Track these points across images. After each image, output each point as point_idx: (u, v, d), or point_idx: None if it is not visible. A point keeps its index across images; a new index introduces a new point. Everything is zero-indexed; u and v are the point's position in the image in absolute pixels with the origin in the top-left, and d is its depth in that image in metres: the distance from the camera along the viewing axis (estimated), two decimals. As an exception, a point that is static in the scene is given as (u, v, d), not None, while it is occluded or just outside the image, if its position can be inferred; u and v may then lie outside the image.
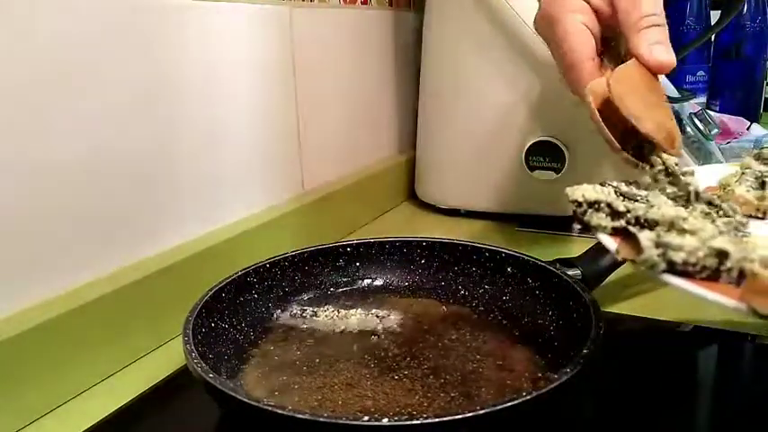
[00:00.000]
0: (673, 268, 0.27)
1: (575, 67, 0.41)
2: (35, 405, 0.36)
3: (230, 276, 0.43)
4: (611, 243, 0.31)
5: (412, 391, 0.35)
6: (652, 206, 0.31)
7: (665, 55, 0.38)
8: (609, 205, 0.32)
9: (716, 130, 0.80)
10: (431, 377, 0.37)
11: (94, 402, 0.38)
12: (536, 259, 0.45)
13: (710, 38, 1.06)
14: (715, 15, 0.86)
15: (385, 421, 0.27)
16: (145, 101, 0.44)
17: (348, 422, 0.28)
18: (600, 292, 0.46)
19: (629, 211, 0.31)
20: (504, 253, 0.47)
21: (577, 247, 0.50)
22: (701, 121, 0.78)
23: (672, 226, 0.29)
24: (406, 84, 0.81)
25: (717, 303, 0.25)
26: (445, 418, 0.27)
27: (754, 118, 1.12)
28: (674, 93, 0.82)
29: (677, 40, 1.12)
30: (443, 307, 0.46)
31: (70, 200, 0.39)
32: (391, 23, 0.77)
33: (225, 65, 0.51)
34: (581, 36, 0.41)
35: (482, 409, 0.27)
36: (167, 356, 0.43)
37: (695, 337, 0.45)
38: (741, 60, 1.13)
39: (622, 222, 0.31)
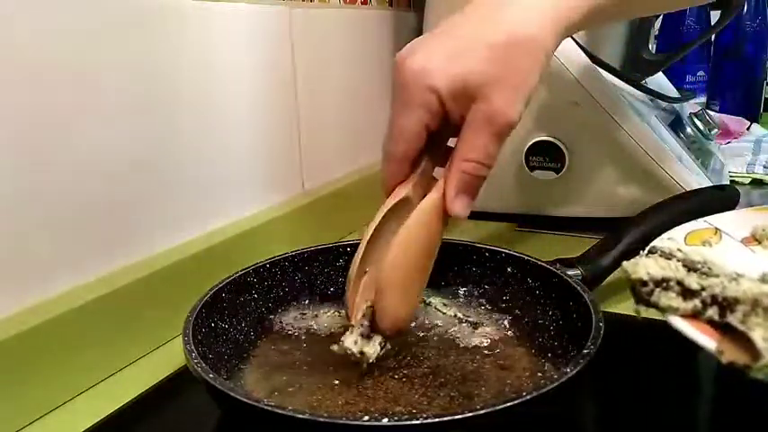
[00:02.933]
0: None
1: (387, 159, 0.39)
2: (35, 405, 0.36)
3: (230, 276, 0.43)
4: (701, 336, 0.27)
5: (412, 390, 0.35)
6: (730, 280, 0.27)
7: (462, 210, 0.37)
8: (679, 283, 0.28)
9: (716, 130, 0.80)
10: (431, 377, 0.37)
11: (94, 402, 0.38)
12: (536, 259, 0.45)
13: (710, 38, 1.06)
14: (715, 15, 0.86)
15: (385, 421, 0.27)
16: (145, 101, 0.44)
17: (348, 422, 0.28)
18: (600, 292, 0.46)
19: (703, 289, 0.27)
20: (504, 253, 0.47)
21: (577, 247, 0.50)
22: (701, 121, 0.79)
23: (756, 304, 0.26)
24: (406, 84, 0.81)
25: None
26: (445, 418, 0.27)
27: (754, 118, 1.12)
28: (674, 93, 0.82)
29: (677, 40, 1.12)
30: (444, 307, 0.45)
31: (70, 200, 0.39)
32: (391, 23, 0.77)
33: (225, 65, 0.51)
34: (410, 137, 0.38)
35: (482, 409, 0.27)
36: (167, 356, 0.43)
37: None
38: (741, 60, 1.14)
39: (697, 303, 0.27)
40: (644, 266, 0.29)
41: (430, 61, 0.37)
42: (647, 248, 0.32)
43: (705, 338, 0.27)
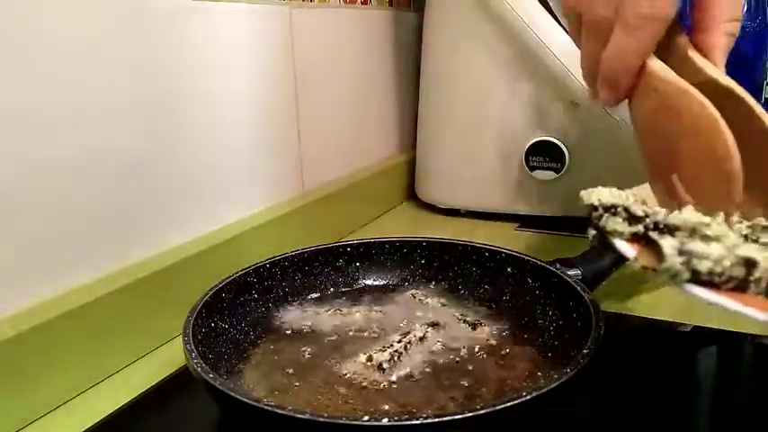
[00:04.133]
0: (697, 278, 0.26)
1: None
2: (35, 405, 0.36)
3: (230, 276, 0.43)
4: (628, 250, 0.29)
5: (412, 390, 0.35)
6: (672, 211, 0.29)
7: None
8: (626, 209, 0.30)
9: (716, 130, 0.79)
10: (431, 377, 0.37)
11: (95, 402, 0.38)
12: (536, 259, 0.45)
13: (711, 38, 1.06)
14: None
15: (385, 421, 0.27)
16: (145, 101, 0.44)
17: (348, 422, 0.28)
18: (600, 292, 0.46)
19: (647, 216, 0.29)
20: (504, 253, 0.47)
21: (577, 247, 0.50)
22: (701, 121, 0.78)
23: (694, 232, 0.27)
24: (406, 84, 0.81)
25: (745, 316, 0.24)
26: (445, 418, 0.27)
27: (754, 118, 1.12)
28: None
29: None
30: (443, 307, 0.46)
31: (71, 200, 0.39)
32: (391, 23, 0.77)
33: (225, 65, 0.51)
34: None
35: (482, 409, 0.27)
36: (167, 356, 0.43)
37: (695, 337, 0.45)
38: (741, 60, 1.13)
39: (641, 228, 0.29)
40: (597, 194, 0.31)
41: None
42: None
43: (629, 250, 0.29)
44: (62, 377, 0.38)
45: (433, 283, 0.49)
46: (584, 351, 0.32)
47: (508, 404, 0.28)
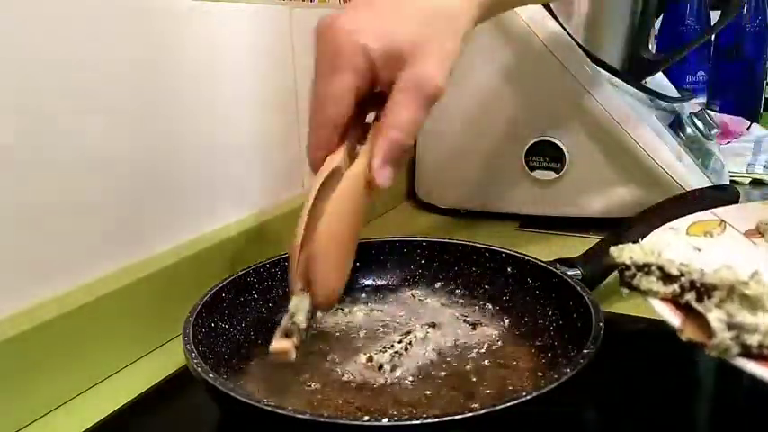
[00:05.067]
0: (747, 351, 0.25)
1: (316, 126, 0.38)
2: (35, 405, 0.36)
3: (230, 276, 0.43)
4: (670, 315, 0.28)
5: (412, 390, 0.35)
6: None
7: (388, 181, 0.36)
8: (660, 268, 0.29)
9: (716, 130, 0.80)
10: (431, 377, 0.37)
11: (94, 402, 0.38)
12: (536, 259, 0.45)
13: (710, 38, 1.06)
14: (715, 15, 0.86)
15: (385, 421, 0.27)
16: (145, 101, 0.44)
17: (348, 422, 0.28)
18: (600, 292, 0.46)
19: (683, 275, 0.28)
20: (504, 253, 0.47)
21: (578, 247, 0.50)
22: (701, 120, 0.79)
23: (732, 291, 0.27)
24: (406, 84, 0.81)
25: None
26: (445, 418, 0.27)
27: (754, 118, 1.12)
28: (674, 93, 0.82)
29: (677, 40, 1.12)
30: (443, 307, 0.46)
31: (71, 200, 0.39)
32: (391, 23, 0.77)
33: (225, 65, 0.51)
34: (341, 101, 0.37)
35: (482, 409, 0.27)
36: (167, 356, 0.43)
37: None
38: (741, 60, 1.14)
39: (676, 287, 0.29)
40: (628, 251, 0.30)
41: (361, 23, 0.36)
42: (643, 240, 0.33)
43: (672, 316, 0.28)
44: (62, 377, 0.38)
45: (433, 283, 0.48)
46: (585, 351, 0.32)
47: (508, 404, 0.28)
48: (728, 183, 0.75)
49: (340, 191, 0.36)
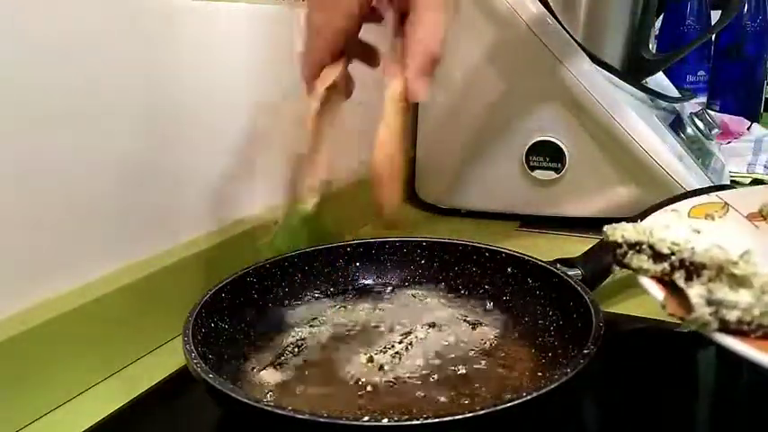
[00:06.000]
0: (726, 326, 0.25)
1: (319, 35, 0.38)
2: (35, 405, 0.36)
3: (230, 276, 0.42)
4: (657, 292, 0.29)
5: (412, 390, 0.35)
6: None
7: (425, 94, 0.37)
8: (651, 247, 0.29)
9: (716, 130, 0.80)
10: (431, 377, 0.37)
11: (95, 402, 0.38)
12: (536, 259, 0.45)
13: (711, 38, 1.06)
14: (715, 15, 0.86)
15: (385, 421, 0.27)
16: (145, 101, 0.44)
17: (348, 422, 0.28)
18: (600, 292, 0.46)
19: (673, 254, 0.29)
20: (505, 253, 0.47)
21: (578, 247, 0.50)
22: (701, 120, 0.78)
23: (721, 270, 0.27)
24: (406, 84, 0.81)
25: None
26: (445, 419, 0.27)
27: (754, 118, 1.12)
28: (674, 93, 0.82)
29: (677, 40, 1.12)
30: (443, 307, 0.46)
31: (70, 200, 0.39)
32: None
33: (225, 65, 0.51)
34: (344, 13, 0.37)
35: (482, 409, 0.27)
36: (167, 356, 0.43)
37: (695, 337, 0.45)
38: (741, 60, 1.14)
39: (666, 266, 0.29)
40: (621, 230, 0.31)
41: None
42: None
43: (658, 292, 0.28)
44: (62, 377, 0.38)
45: (433, 283, 0.48)
46: (585, 351, 0.32)
47: (508, 404, 0.28)
48: (729, 183, 0.75)
49: (390, 114, 0.38)
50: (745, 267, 0.27)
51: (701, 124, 0.78)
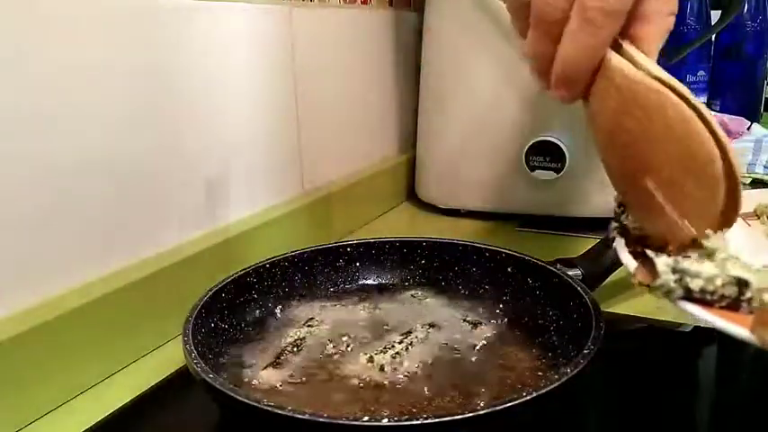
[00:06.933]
0: (690, 295, 0.27)
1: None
2: (35, 405, 0.36)
3: (230, 276, 0.43)
4: (630, 261, 0.30)
5: (412, 390, 0.35)
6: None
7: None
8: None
9: (716, 130, 0.79)
10: (431, 377, 0.37)
11: (94, 402, 0.38)
12: (536, 259, 0.45)
13: (711, 38, 1.06)
14: (715, 15, 0.86)
15: (385, 421, 0.27)
16: (145, 101, 0.44)
17: (348, 422, 0.28)
18: (600, 292, 0.46)
19: None
20: (505, 253, 0.47)
21: (578, 246, 0.50)
22: (701, 120, 0.78)
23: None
24: (406, 84, 0.81)
25: (731, 334, 0.24)
26: (445, 418, 0.27)
27: (754, 118, 1.12)
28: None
29: (677, 40, 1.12)
30: (443, 307, 0.46)
31: (70, 200, 0.39)
32: (391, 23, 0.77)
33: (225, 65, 0.51)
34: None
35: (482, 409, 0.27)
36: (167, 356, 0.43)
37: (695, 337, 0.45)
38: (741, 60, 1.13)
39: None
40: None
41: None
42: None
43: (631, 262, 0.29)
44: (62, 377, 0.38)
45: (434, 283, 0.48)
46: (585, 351, 0.32)
47: (508, 404, 0.28)
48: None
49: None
50: (714, 241, 0.28)
51: (700, 124, 0.78)
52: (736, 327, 0.24)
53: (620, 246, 0.31)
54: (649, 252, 0.29)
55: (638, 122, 0.29)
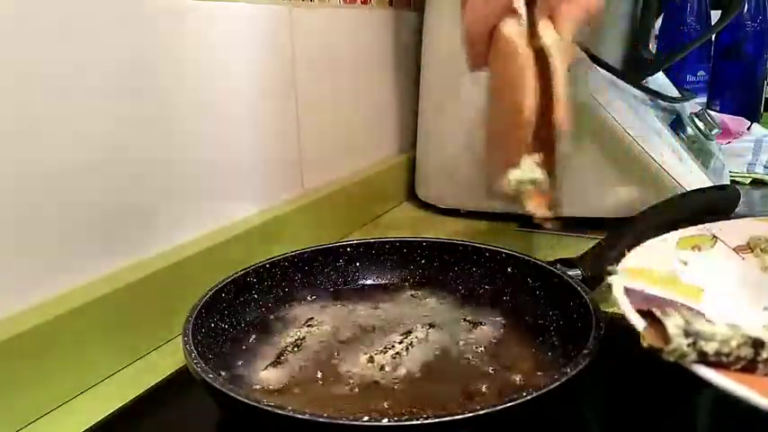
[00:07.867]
0: (705, 358, 0.25)
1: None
2: (35, 405, 0.36)
3: (230, 276, 0.43)
4: (638, 320, 0.29)
5: (412, 390, 0.35)
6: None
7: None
8: None
9: (716, 130, 0.79)
10: (431, 377, 0.37)
11: (95, 402, 0.38)
12: (536, 259, 0.45)
13: (711, 38, 1.06)
14: (715, 15, 0.86)
15: (384, 421, 0.27)
16: (144, 102, 0.44)
17: (348, 422, 0.28)
18: (600, 292, 0.46)
19: None
20: (505, 253, 0.47)
21: (578, 246, 0.50)
22: (701, 120, 0.78)
23: None
24: (406, 84, 0.81)
25: (750, 401, 0.23)
26: (445, 418, 0.27)
27: (754, 118, 1.12)
28: (674, 93, 0.82)
29: (677, 40, 1.12)
30: (443, 307, 0.46)
31: (70, 200, 0.39)
32: (391, 23, 0.77)
33: (225, 65, 0.51)
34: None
35: (482, 409, 0.27)
36: (167, 356, 0.43)
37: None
38: (741, 60, 1.13)
39: None
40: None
41: None
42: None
43: (640, 321, 0.29)
44: (62, 377, 0.38)
45: (434, 283, 0.48)
46: (585, 351, 0.32)
47: (508, 404, 0.28)
48: (729, 183, 0.75)
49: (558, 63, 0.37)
50: (526, 165, 0.28)
51: (701, 124, 0.78)
52: (755, 394, 0.24)
53: (625, 304, 0.30)
54: (657, 312, 0.28)
55: (503, 79, 0.36)
